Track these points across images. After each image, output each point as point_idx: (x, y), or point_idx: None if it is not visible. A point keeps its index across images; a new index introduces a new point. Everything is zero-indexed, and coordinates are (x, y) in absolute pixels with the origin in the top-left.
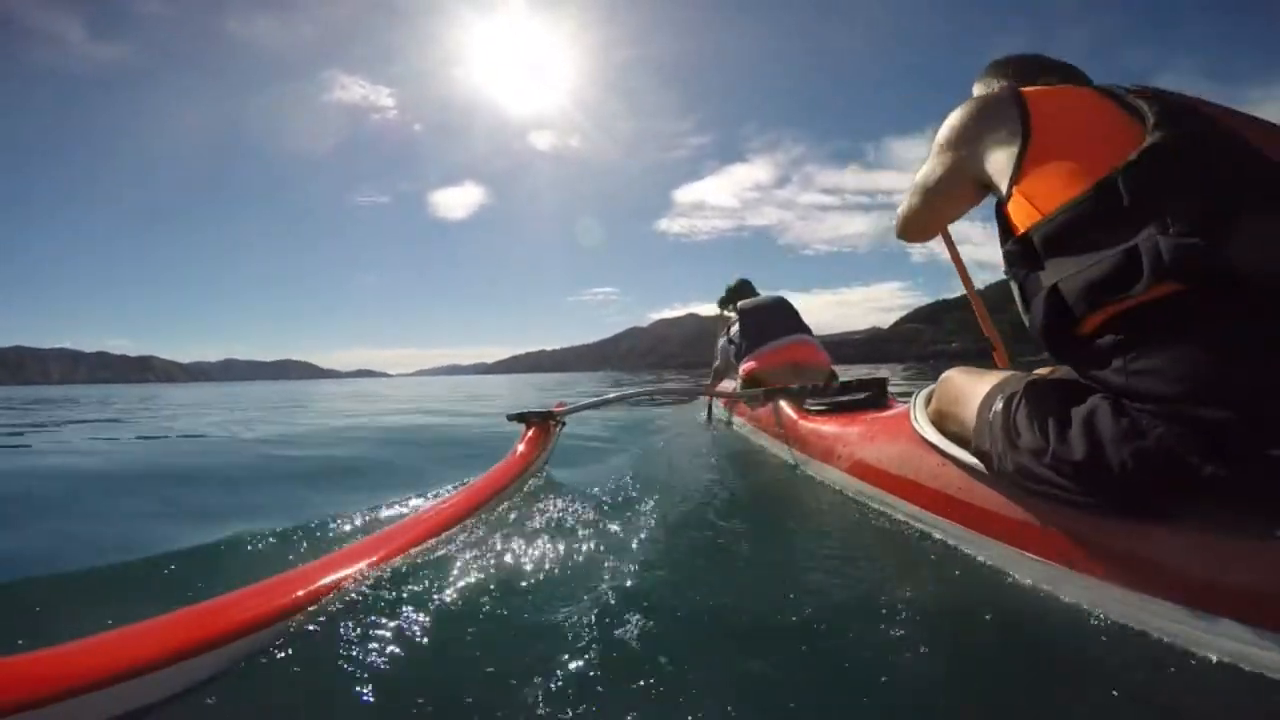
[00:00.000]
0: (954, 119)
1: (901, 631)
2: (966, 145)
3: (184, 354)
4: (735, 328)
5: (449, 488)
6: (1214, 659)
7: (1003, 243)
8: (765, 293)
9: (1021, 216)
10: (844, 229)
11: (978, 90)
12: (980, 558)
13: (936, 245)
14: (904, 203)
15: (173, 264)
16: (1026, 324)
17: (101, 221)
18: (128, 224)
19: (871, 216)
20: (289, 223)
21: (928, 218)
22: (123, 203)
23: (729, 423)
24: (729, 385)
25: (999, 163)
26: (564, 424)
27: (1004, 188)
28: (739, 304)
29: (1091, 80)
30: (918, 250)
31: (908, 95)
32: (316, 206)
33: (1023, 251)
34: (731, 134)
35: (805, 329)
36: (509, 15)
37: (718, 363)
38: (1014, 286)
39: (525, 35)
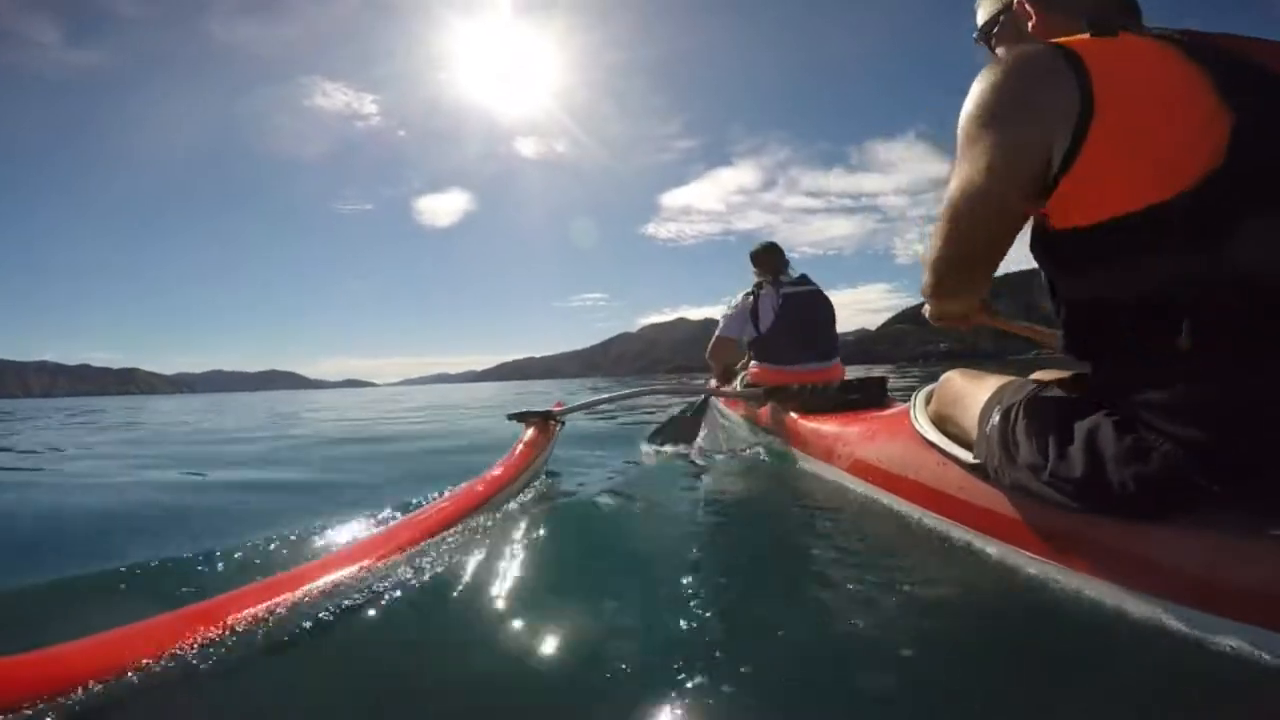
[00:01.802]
0: (994, 90)
1: (901, 630)
2: (1025, 118)
3: (168, 366)
4: (768, 312)
5: (449, 488)
6: (1214, 659)
7: (1034, 222)
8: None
9: (1062, 211)
10: (829, 231)
11: (986, 3)
12: (980, 557)
13: (923, 246)
14: (932, 239)
15: (155, 275)
16: (1052, 313)
17: (82, 232)
18: (109, 234)
19: (856, 219)
20: (272, 231)
21: (981, 248)
22: (103, 213)
23: (724, 424)
24: (730, 385)
25: (1045, 150)
26: (563, 424)
27: (1052, 172)
28: (781, 283)
29: (1140, 13)
30: (902, 251)
31: (889, 99)
32: (299, 214)
33: (1054, 248)
34: (717, 138)
35: (838, 346)
36: (492, 20)
37: (721, 335)
38: (1041, 272)
39: (509, 40)
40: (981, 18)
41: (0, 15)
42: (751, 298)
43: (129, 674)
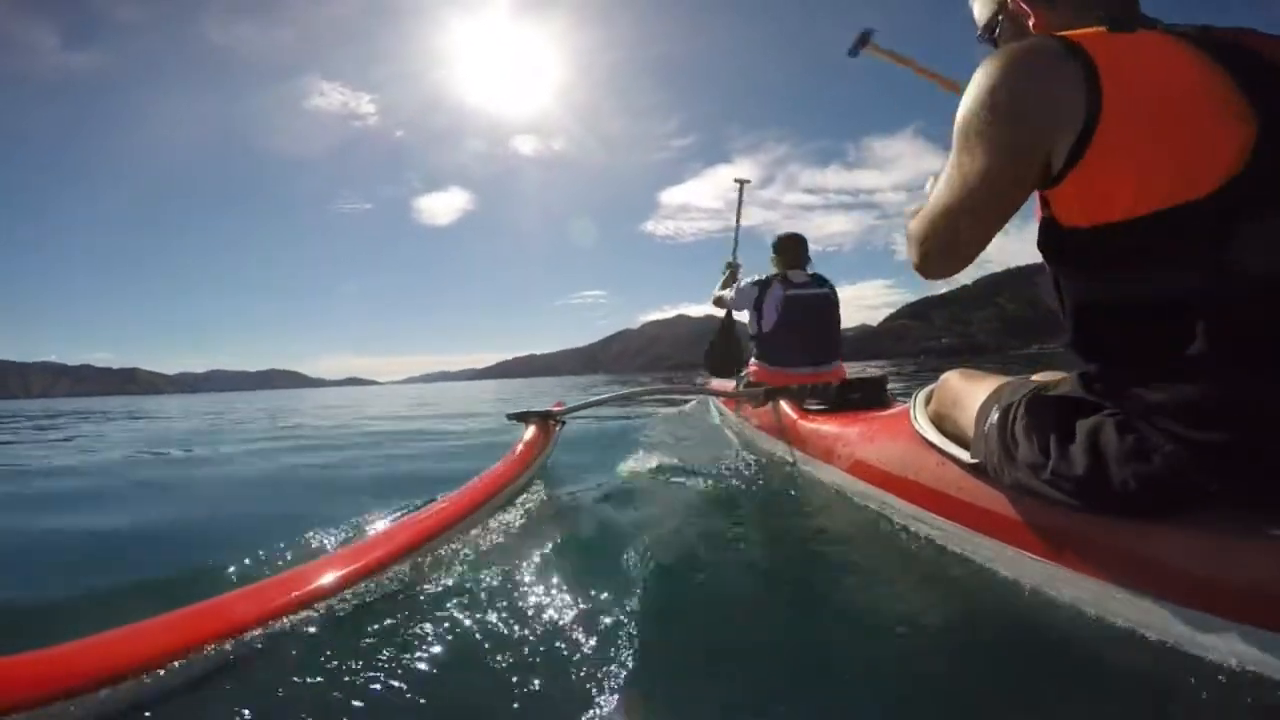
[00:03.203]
0: (994, 85)
1: (901, 630)
2: (1027, 116)
3: (169, 366)
4: (770, 303)
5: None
6: (1214, 659)
7: (1042, 219)
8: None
9: (1069, 210)
10: (828, 228)
11: (978, 7)
12: (980, 557)
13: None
14: (923, 225)
15: (156, 275)
16: (1060, 313)
17: (83, 233)
18: (110, 235)
19: (854, 215)
20: (272, 231)
21: (973, 230)
22: (101, 214)
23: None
24: (729, 385)
25: (1047, 147)
26: (564, 423)
27: (1054, 169)
28: (790, 282)
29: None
30: (902, 247)
31: (887, 95)
32: (299, 214)
33: (1061, 246)
34: (715, 135)
35: (841, 349)
36: (490, 19)
37: (727, 294)
38: (1049, 271)
39: (507, 39)
40: (979, 17)
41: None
42: (759, 289)
43: (129, 674)
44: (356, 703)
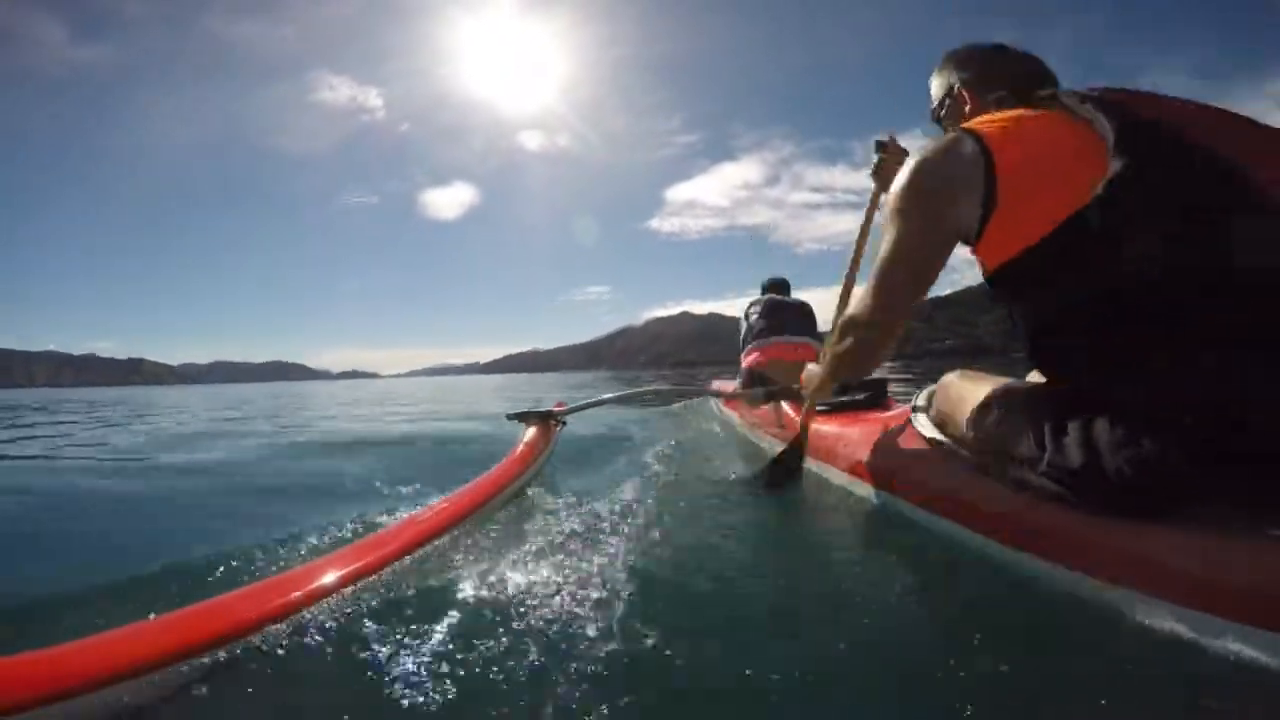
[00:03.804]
0: (918, 178)
1: (901, 630)
2: (941, 200)
3: (173, 356)
4: (754, 314)
5: (450, 488)
6: (1214, 659)
7: (985, 278)
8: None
9: (993, 256)
10: (833, 227)
11: (935, 83)
12: (980, 557)
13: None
14: (867, 301)
15: (161, 265)
16: (1024, 342)
17: (89, 223)
18: (116, 226)
19: (860, 215)
20: (278, 224)
21: (914, 288)
22: (110, 205)
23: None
24: (730, 385)
25: (969, 213)
26: (564, 423)
27: (974, 233)
28: (767, 295)
29: (1054, 76)
30: None
31: (894, 95)
32: (305, 207)
33: (997, 287)
34: (720, 132)
35: (817, 336)
36: (496, 15)
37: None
38: (1008, 312)
39: (514, 34)
40: (933, 98)
41: (7, 16)
42: (746, 315)
43: (129, 674)
44: (357, 703)
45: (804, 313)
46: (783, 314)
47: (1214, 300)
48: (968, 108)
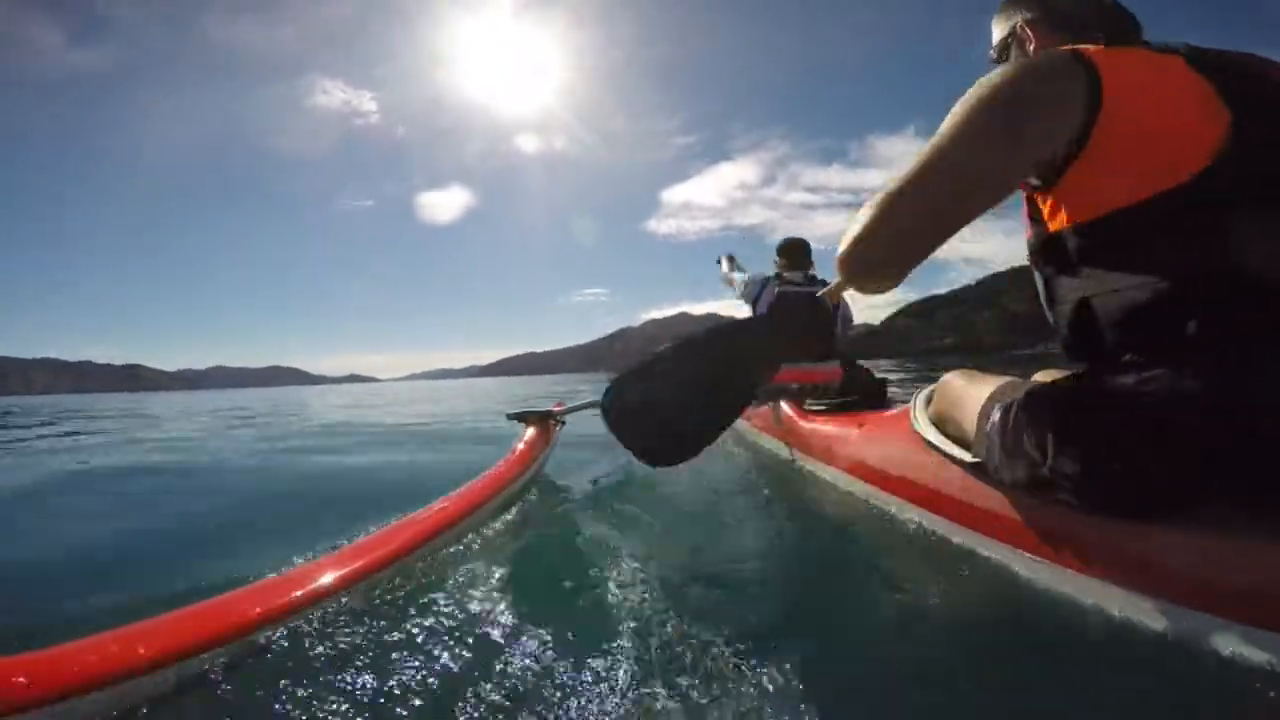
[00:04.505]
0: (998, 83)
1: (901, 630)
2: (1023, 118)
3: (171, 362)
4: (765, 302)
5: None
6: (1214, 659)
7: (1033, 232)
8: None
9: (1063, 210)
10: (830, 227)
11: (997, 25)
12: (980, 558)
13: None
14: (878, 214)
15: (157, 271)
16: (1049, 319)
17: (85, 230)
18: (110, 231)
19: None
20: (274, 228)
21: (935, 223)
22: (104, 210)
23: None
24: None
25: (1058, 139)
26: (564, 423)
27: (1053, 171)
28: (782, 284)
29: (1139, 26)
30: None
31: (889, 94)
32: (301, 211)
33: (1056, 250)
34: (717, 133)
35: (835, 349)
36: (492, 17)
37: (736, 276)
38: (1038, 279)
39: (509, 37)
40: (995, 39)
41: (4, 20)
42: (759, 287)
43: (129, 674)
44: (357, 703)
45: (825, 326)
46: (797, 326)
47: (1248, 299)
48: (1032, 47)
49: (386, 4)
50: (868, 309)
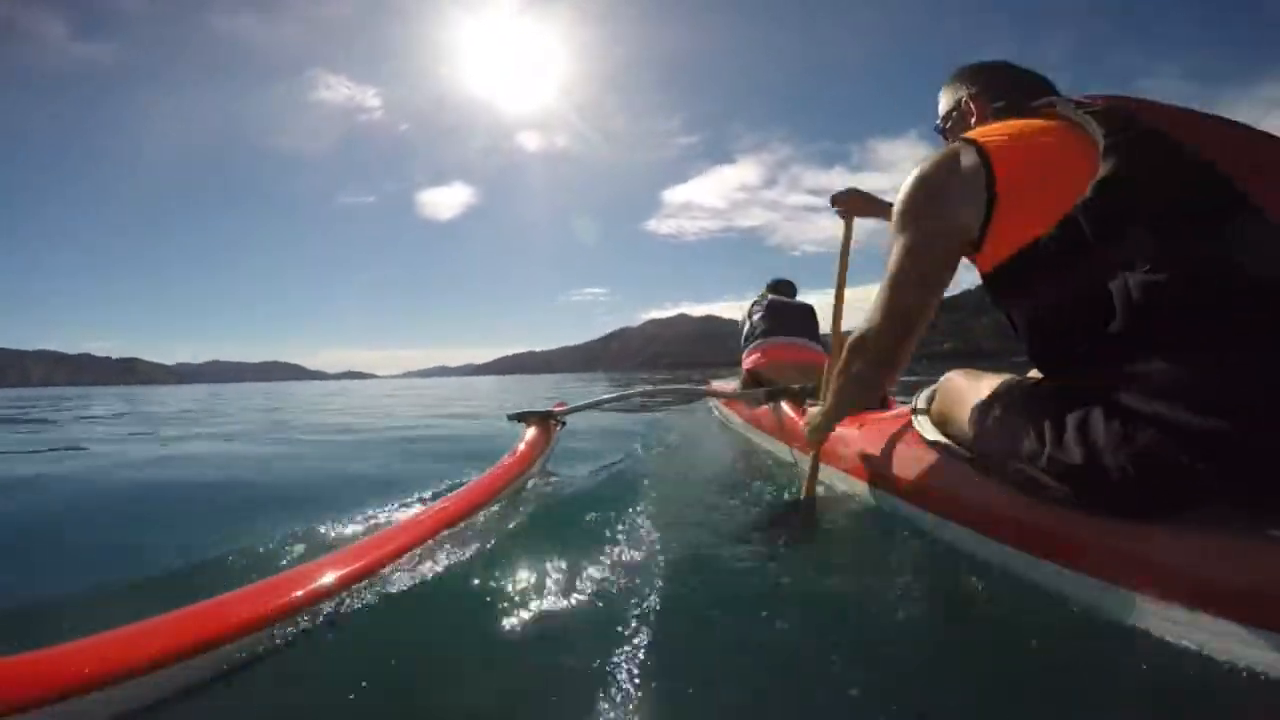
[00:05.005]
0: (921, 187)
1: (901, 631)
2: (945, 204)
3: (169, 356)
4: (756, 314)
5: (449, 488)
6: (1214, 659)
7: (983, 281)
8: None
9: (992, 258)
10: (831, 230)
11: (945, 97)
12: (981, 557)
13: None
14: (877, 319)
15: (157, 265)
16: (1021, 340)
17: (85, 222)
18: (111, 225)
19: (858, 218)
20: (275, 223)
21: (925, 299)
22: (106, 203)
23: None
24: (730, 385)
25: (972, 216)
26: (564, 423)
27: (975, 239)
28: (770, 296)
29: (1056, 89)
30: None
31: (891, 97)
32: (302, 207)
33: (997, 287)
34: (719, 134)
35: (818, 339)
36: (495, 14)
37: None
38: (1003, 312)
39: (512, 34)
40: (941, 109)
41: (7, 12)
42: (748, 314)
43: (129, 674)
44: (357, 702)
45: (807, 315)
46: (785, 315)
47: (1207, 302)
48: (973, 119)
49: (391, 1)
50: (860, 313)
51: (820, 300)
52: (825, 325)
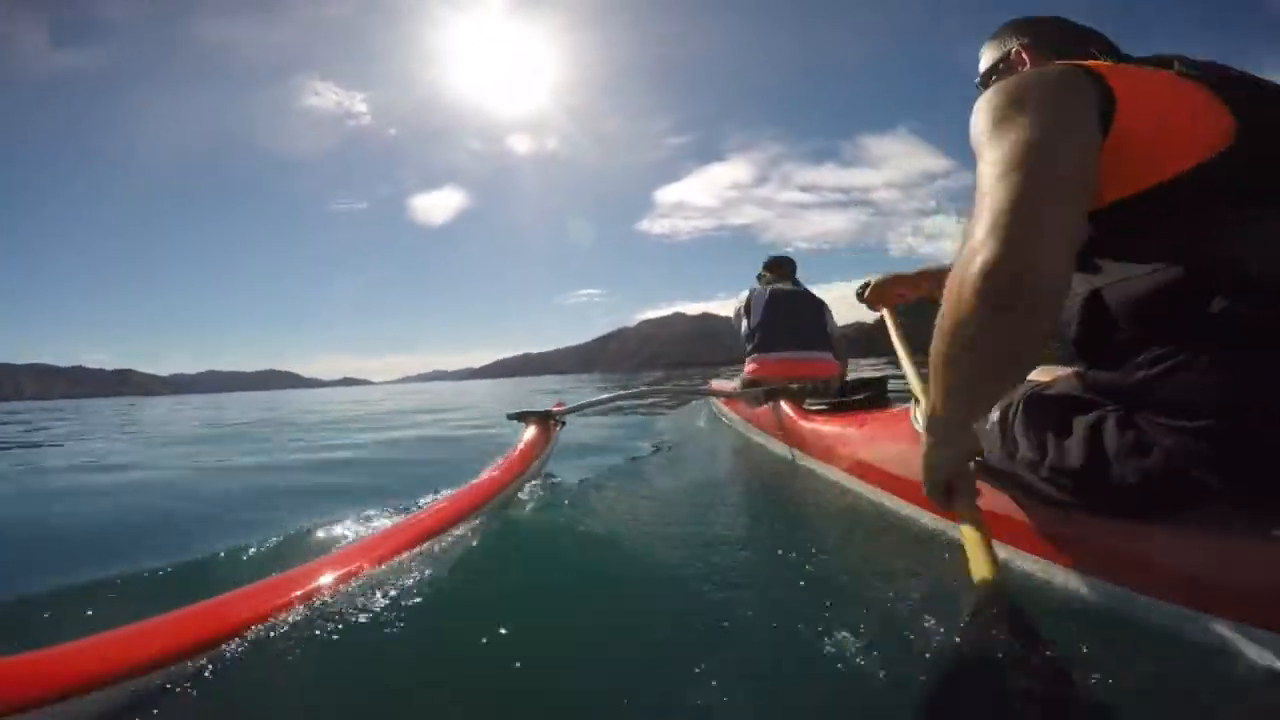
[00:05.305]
0: (1041, 77)
1: (900, 631)
2: (1081, 93)
3: (163, 367)
4: (754, 313)
5: (449, 488)
6: (1214, 659)
7: None
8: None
9: (1095, 198)
10: (823, 226)
11: (989, 52)
12: None
13: (915, 239)
14: (986, 242)
15: (148, 276)
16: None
17: (75, 234)
18: (102, 236)
19: (849, 213)
20: (266, 231)
21: (1062, 200)
22: (95, 214)
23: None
24: (730, 385)
25: (1097, 125)
26: (564, 423)
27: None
28: (772, 285)
29: (1119, 50)
30: (895, 245)
31: (880, 93)
32: (293, 214)
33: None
34: (710, 133)
35: (828, 342)
36: (483, 17)
37: (735, 322)
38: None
39: (501, 37)
40: (984, 65)
41: None
42: (748, 295)
43: (129, 674)
44: (356, 703)
45: (813, 310)
46: (787, 315)
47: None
48: (1025, 70)
49: (378, 4)
50: (862, 308)
51: (824, 296)
52: (840, 317)
